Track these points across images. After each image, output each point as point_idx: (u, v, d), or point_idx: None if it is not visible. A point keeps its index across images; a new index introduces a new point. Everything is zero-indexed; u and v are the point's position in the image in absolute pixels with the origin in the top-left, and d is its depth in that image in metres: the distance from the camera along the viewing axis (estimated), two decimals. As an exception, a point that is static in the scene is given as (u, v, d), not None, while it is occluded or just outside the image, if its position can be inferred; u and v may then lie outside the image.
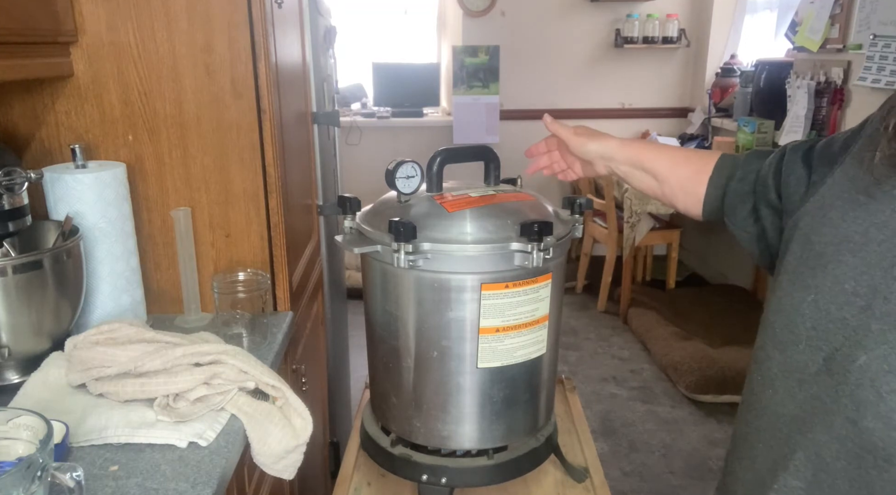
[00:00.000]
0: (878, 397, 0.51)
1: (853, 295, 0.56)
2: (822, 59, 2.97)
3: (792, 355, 0.61)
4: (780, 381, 0.62)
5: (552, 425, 1.05)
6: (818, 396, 0.57)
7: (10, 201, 0.99)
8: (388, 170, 0.91)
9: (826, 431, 0.56)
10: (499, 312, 0.87)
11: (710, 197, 0.85)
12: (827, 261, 0.59)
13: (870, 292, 0.55)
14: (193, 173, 1.22)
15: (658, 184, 0.90)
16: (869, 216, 0.57)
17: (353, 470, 1.06)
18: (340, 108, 3.87)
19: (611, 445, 2.54)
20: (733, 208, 0.81)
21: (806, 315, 0.60)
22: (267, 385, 0.95)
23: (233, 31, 1.15)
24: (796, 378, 0.60)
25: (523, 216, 0.87)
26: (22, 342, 0.98)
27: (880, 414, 0.51)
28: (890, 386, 0.50)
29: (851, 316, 0.55)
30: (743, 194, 0.80)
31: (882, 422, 0.51)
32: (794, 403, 0.60)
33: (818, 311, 0.59)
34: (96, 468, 0.81)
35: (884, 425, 0.50)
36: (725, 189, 0.83)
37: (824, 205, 0.63)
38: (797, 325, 0.61)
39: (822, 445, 0.56)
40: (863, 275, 0.56)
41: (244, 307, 1.14)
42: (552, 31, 4.19)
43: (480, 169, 0.99)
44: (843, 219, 0.60)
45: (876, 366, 0.52)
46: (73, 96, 1.17)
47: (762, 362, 0.66)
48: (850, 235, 0.58)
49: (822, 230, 0.62)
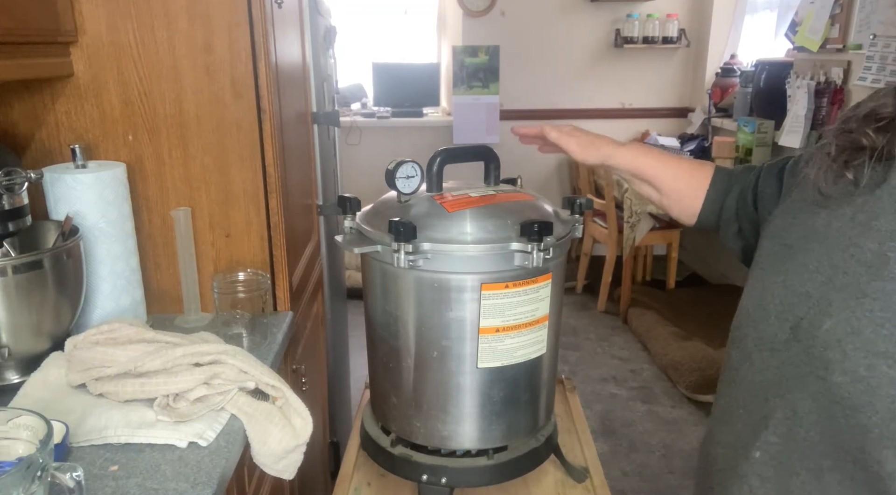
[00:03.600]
0: (844, 355, 0.59)
1: (815, 272, 0.65)
2: (822, 59, 2.97)
3: (764, 329, 0.69)
4: (756, 354, 0.71)
5: (552, 425, 1.05)
6: (790, 361, 0.65)
7: (10, 201, 0.99)
8: (388, 170, 0.91)
9: (800, 390, 0.64)
10: (499, 312, 0.87)
11: (706, 211, 0.92)
12: (796, 251, 0.69)
13: (830, 269, 0.63)
14: (193, 173, 1.22)
15: (658, 194, 0.95)
16: (830, 212, 0.67)
17: (353, 470, 1.06)
18: (340, 108, 3.87)
19: (611, 445, 2.54)
20: (727, 223, 0.90)
21: (775, 293, 0.69)
22: (267, 385, 0.95)
23: (233, 31, 1.15)
24: (769, 348, 0.68)
25: (523, 216, 0.87)
26: (22, 342, 0.98)
27: (846, 370, 0.58)
28: (853, 344, 0.58)
29: (814, 289, 0.64)
30: (734, 212, 0.89)
31: (848, 377, 0.58)
32: (769, 371, 0.68)
33: (785, 289, 0.68)
34: (96, 468, 0.81)
35: (850, 379, 0.58)
36: (722, 204, 0.90)
37: (793, 208, 0.73)
38: (767, 302, 0.70)
39: (796, 402, 0.64)
40: (824, 257, 0.65)
41: (244, 307, 1.14)
42: (552, 31, 4.19)
43: (480, 169, 0.99)
44: (810, 217, 0.69)
45: (840, 329, 0.60)
46: (73, 96, 1.17)
47: (739, 340, 0.75)
48: (816, 228, 0.68)
49: (791, 228, 0.72)
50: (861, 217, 0.63)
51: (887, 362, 0.56)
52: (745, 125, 3.36)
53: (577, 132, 0.97)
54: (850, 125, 0.67)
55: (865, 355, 0.57)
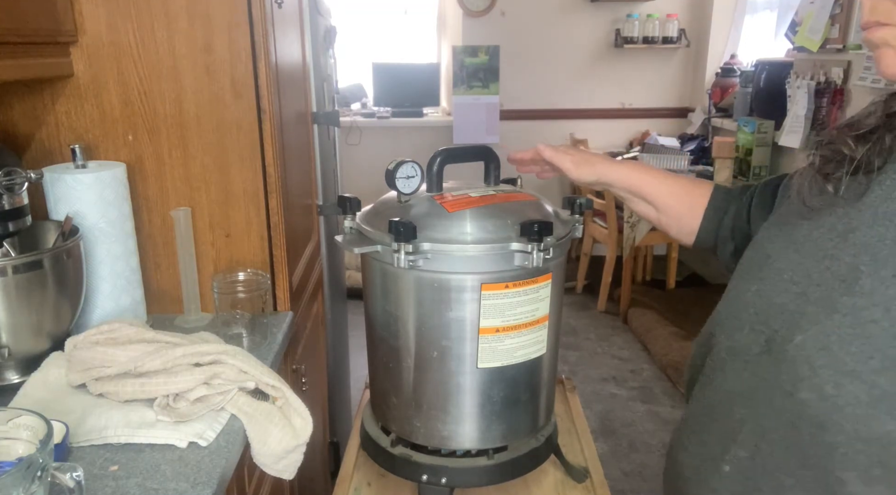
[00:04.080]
0: (812, 371, 0.57)
1: (791, 283, 0.64)
2: (822, 59, 2.97)
3: (738, 340, 0.68)
4: (729, 363, 0.69)
5: (552, 425, 1.05)
6: (761, 374, 0.64)
7: (10, 201, 0.99)
8: (388, 170, 0.91)
9: (768, 404, 0.62)
10: (499, 312, 0.87)
11: (704, 230, 0.92)
12: (773, 260, 0.68)
13: (805, 280, 0.62)
14: (193, 173, 1.22)
15: (655, 212, 0.95)
16: (812, 223, 0.66)
17: (353, 470, 1.06)
18: (340, 107, 3.87)
19: (611, 445, 2.54)
20: (723, 242, 0.90)
21: (749, 303, 0.68)
22: (267, 385, 0.95)
23: (233, 31, 1.15)
24: (742, 359, 0.67)
25: (523, 216, 0.87)
26: (22, 342, 0.98)
27: (814, 387, 0.57)
28: (822, 361, 0.57)
29: (790, 301, 0.63)
30: (730, 230, 0.89)
31: (815, 394, 0.57)
32: (740, 382, 0.67)
33: (760, 299, 0.66)
34: (96, 468, 0.81)
35: (817, 396, 0.57)
36: (720, 223, 0.90)
37: (779, 220, 0.73)
38: (741, 311, 0.68)
39: (763, 417, 0.63)
40: (799, 267, 0.64)
41: (244, 307, 1.14)
42: (552, 31, 4.19)
43: (480, 169, 0.99)
44: (793, 228, 0.68)
45: (810, 344, 0.58)
46: (73, 96, 1.17)
47: (711, 346, 0.73)
48: (796, 238, 0.67)
49: (774, 239, 0.71)
50: (840, 228, 0.62)
51: (854, 381, 0.54)
52: (745, 125, 3.36)
53: (571, 150, 0.97)
54: (832, 135, 0.66)
55: (833, 373, 0.56)
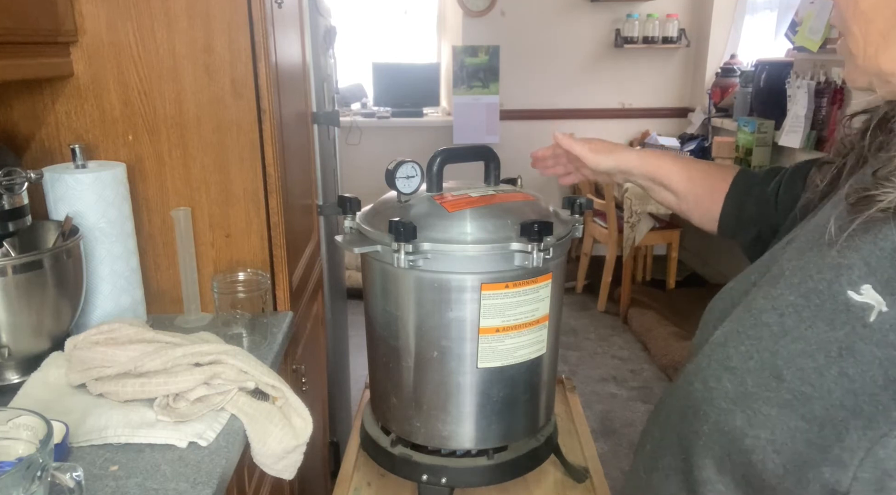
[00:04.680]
0: (707, 363, 0.60)
1: (749, 284, 0.63)
2: (822, 59, 2.97)
3: (698, 336, 0.70)
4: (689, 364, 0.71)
5: (552, 425, 1.05)
6: (689, 366, 0.66)
7: (10, 201, 0.99)
8: (388, 170, 0.91)
9: (675, 389, 0.66)
10: (499, 312, 0.87)
11: (726, 215, 0.87)
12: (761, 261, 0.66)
13: (757, 277, 0.62)
14: (193, 173, 1.22)
15: (676, 200, 0.91)
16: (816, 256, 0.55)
17: (353, 470, 1.06)
18: (340, 107, 3.87)
19: (611, 445, 2.54)
20: (745, 227, 0.84)
21: (713, 307, 0.69)
22: (267, 385, 0.95)
23: (233, 32, 1.15)
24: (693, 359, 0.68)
25: (523, 216, 0.87)
26: (22, 342, 0.98)
27: (702, 378, 0.60)
28: (717, 355, 0.59)
29: (728, 305, 0.64)
30: (753, 214, 0.83)
31: (702, 384, 0.60)
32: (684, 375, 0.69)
33: (721, 302, 0.67)
34: (96, 468, 0.81)
35: (702, 386, 0.60)
36: (742, 207, 0.85)
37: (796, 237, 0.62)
38: (706, 315, 0.70)
39: (669, 408, 0.67)
40: (762, 267, 0.63)
41: (244, 307, 1.14)
42: (552, 31, 4.19)
43: (480, 169, 0.99)
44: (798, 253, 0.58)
45: (718, 339, 0.61)
46: (73, 96, 1.17)
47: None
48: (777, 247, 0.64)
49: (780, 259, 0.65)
50: (790, 237, 0.62)
51: (730, 377, 0.56)
52: (745, 125, 3.36)
53: (589, 139, 0.95)
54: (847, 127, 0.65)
55: (718, 367, 0.58)
